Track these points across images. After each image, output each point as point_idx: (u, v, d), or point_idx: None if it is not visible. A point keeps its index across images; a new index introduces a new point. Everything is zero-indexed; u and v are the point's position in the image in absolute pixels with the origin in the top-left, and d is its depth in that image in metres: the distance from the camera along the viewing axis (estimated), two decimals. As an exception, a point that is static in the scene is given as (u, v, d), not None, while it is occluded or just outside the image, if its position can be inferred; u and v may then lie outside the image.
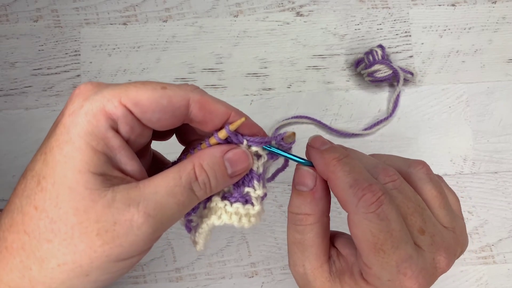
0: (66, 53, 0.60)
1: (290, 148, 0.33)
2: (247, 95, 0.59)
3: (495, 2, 0.61)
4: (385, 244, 0.29)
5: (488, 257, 0.57)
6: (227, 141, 0.31)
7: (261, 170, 0.32)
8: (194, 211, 0.33)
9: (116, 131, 0.28)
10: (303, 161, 0.33)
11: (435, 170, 0.58)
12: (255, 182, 0.32)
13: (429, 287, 0.30)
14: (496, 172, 0.58)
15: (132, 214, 0.27)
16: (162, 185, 0.28)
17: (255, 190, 0.32)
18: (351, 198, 0.29)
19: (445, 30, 0.60)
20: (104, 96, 0.28)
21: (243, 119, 0.30)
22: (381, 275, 0.30)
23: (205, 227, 0.32)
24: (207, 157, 0.30)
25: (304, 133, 0.58)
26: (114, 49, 0.60)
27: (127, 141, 0.29)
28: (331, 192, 0.32)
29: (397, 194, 0.31)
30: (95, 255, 0.27)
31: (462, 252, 0.34)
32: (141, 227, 0.27)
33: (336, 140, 0.58)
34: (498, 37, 0.60)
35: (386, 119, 0.58)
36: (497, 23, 0.61)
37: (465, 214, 0.57)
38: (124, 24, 0.61)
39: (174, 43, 0.60)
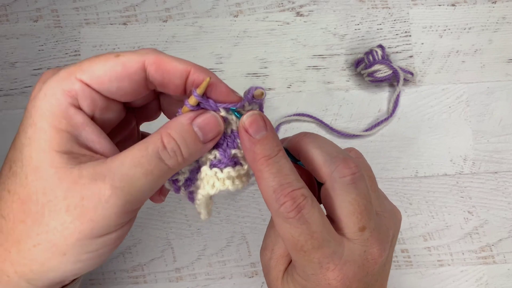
0: (66, 53, 0.60)
1: (262, 103, 0.33)
2: (247, 95, 0.59)
3: (495, 2, 0.61)
4: (306, 245, 0.29)
5: (488, 257, 0.57)
6: (199, 107, 0.30)
7: None
8: (193, 182, 0.33)
9: (79, 108, 0.29)
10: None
11: (435, 170, 0.59)
12: (239, 142, 0.32)
13: (360, 277, 0.31)
14: (496, 172, 0.58)
15: (99, 188, 0.27)
16: (128, 157, 0.28)
17: (241, 150, 0.32)
18: (273, 203, 0.30)
19: (445, 30, 0.60)
20: (59, 76, 0.28)
21: (208, 79, 0.29)
22: (305, 270, 0.31)
23: (201, 198, 0.32)
24: (174, 125, 0.30)
25: (304, 133, 0.58)
26: (114, 49, 0.60)
27: (92, 118, 0.29)
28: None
29: (352, 190, 0.30)
30: (68, 232, 0.27)
31: (395, 233, 0.34)
32: (109, 199, 0.27)
33: (336, 141, 0.58)
34: (498, 37, 0.60)
35: (386, 119, 0.58)
36: (497, 23, 0.61)
37: (465, 214, 0.57)
38: (124, 24, 0.61)
39: (174, 43, 0.60)
